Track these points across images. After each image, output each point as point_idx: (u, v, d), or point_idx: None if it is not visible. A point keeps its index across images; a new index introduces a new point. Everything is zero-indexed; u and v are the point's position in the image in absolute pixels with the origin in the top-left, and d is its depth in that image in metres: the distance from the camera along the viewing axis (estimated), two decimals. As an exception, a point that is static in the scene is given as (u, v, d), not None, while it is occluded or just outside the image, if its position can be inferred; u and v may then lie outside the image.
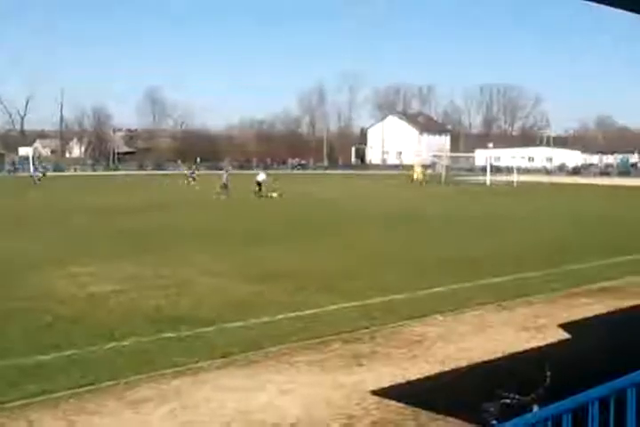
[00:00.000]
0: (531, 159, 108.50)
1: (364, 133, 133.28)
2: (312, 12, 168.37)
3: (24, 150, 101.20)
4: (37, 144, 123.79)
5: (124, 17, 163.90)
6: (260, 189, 42.89)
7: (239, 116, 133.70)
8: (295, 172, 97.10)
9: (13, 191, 48.56)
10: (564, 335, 10.74)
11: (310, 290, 13.92)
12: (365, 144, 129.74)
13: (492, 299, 13.25)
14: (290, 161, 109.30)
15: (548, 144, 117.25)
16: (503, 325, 11.46)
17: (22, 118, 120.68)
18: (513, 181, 64.38)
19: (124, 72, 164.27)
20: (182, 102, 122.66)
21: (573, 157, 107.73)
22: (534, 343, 10.30)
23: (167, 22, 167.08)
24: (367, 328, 11.00)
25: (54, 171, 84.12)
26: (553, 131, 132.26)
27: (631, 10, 6.08)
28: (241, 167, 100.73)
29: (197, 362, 9.20)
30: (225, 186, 43.69)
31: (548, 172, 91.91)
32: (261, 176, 44.83)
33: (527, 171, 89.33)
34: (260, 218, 30.03)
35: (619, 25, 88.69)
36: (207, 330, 10.79)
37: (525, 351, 9.88)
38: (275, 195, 39.12)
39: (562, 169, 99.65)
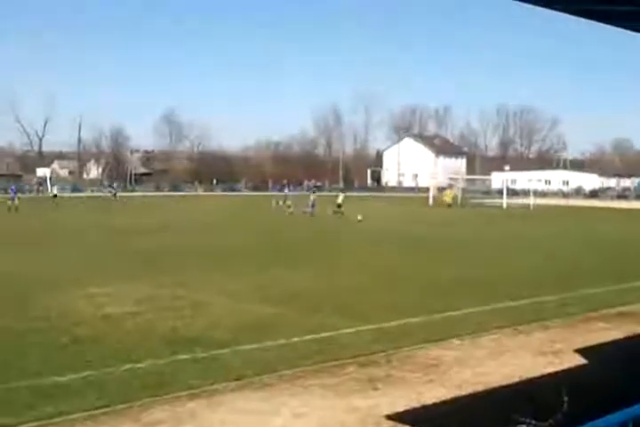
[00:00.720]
0: (547, 182, 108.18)
1: (379, 155, 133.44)
2: (328, 32, 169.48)
3: (42, 171, 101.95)
4: (55, 165, 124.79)
5: (142, 38, 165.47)
6: (340, 210, 45.63)
7: (255, 138, 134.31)
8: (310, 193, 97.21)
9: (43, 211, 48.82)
10: (582, 361, 10.66)
11: (326, 312, 13.90)
12: (381, 166, 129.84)
13: (508, 323, 13.18)
14: (306, 182, 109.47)
15: (564, 167, 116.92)
16: (520, 349, 11.39)
17: (40, 139, 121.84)
18: (529, 204, 64.16)
19: (142, 93, 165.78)
20: (199, 123, 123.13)
21: (590, 181, 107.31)
22: (551, 368, 10.22)
23: (184, 44, 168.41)
24: (383, 352, 10.96)
25: (72, 191, 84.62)
26: (570, 154, 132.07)
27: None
28: (256, 189, 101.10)
29: (212, 384, 9.19)
30: (312, 205, 47.74)
31: (564, 195, 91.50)
32: (341, 198, 47.80)
33: (544, 194, 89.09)
34: (283, 237, 30.00)
35: (634, 47, 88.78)
36: (222, 352, 10.79)
37: (542, 376, 9.81)
38: (359, 217, 40.52)
39: (579, 192, 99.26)
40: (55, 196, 55.12)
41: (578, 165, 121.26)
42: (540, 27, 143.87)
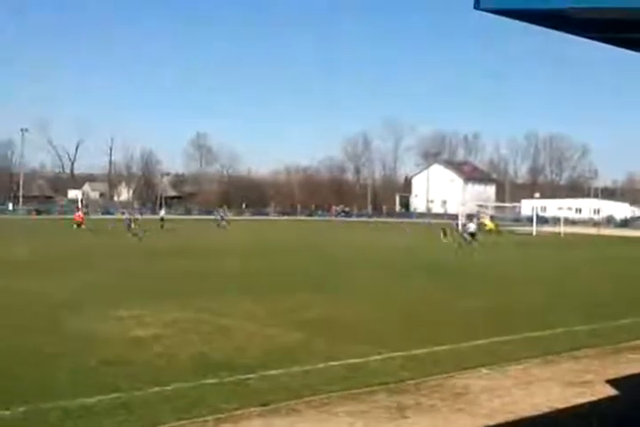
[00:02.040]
0: (578, 210, 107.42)
1: (408, 181, 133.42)
2: (356, 58, 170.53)
3: (73, 193, 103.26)
4: (86, 187, 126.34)
5: (172, 63, 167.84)
6: (473, 238, 44.70)
7: (284, 162, 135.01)
8: (339, 219, 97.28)
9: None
10: (613, 392, 10.50)
11: (353, 339, 13.84)
12: (409, 192, 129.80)
13: (537, 352, 13.04)
14: (334, 208, 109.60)
15: (595, 195, 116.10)
16: (549, 379, 11.24)
17: (72, 162, 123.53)
18: (560, 232, 63.68)
19: (173, 117, 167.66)
20: (228, 148, 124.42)
21: (622, 209, 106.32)
22: (581, 399, 10.08)
23: (215, 68, 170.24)
24: (412, 379, 10.88)
25: (102, 214, 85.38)
26: (600, 182, 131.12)
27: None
28: (285, 213, 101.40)
29: (239, 409, 9.16)
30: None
31: (595, 223, 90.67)
32: (472, 226, 46.28)
33: (574, 222, 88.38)
34: (324, 262, 30.01)
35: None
36: (249, 377, 10.77)
37: (572, 407, 9.68)
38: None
39: (610, 221, 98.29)
40: (162, 219, 55.98)
41: (609, 194, 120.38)
42: (569, 53, 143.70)
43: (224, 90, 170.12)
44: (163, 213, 59.37)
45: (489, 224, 63.26)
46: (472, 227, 45.75)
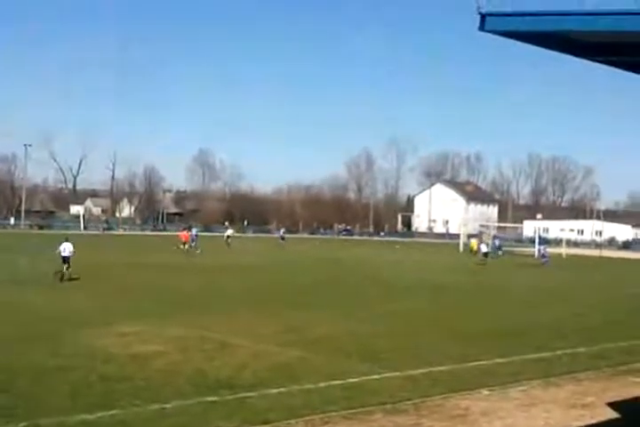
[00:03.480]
0: (580, 232, 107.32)
1: (410, 201, 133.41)
2: (361, 77, 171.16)
3: (75, 209, 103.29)
4: (89, 203, 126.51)
5: (177, 79, 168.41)
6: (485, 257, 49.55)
7: (287, 180, 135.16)
8: (341, 237, 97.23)
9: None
10: (614, 415, 10.47)
11: (353, 358, 13.83)
12: (412, 211, 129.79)
13: (538, 374, 13.00)
14: (336, 226, 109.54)
15: (597, 217, 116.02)
16: (550, 402, 11.20)
17: (75, 177, 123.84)
18: (562, 254, 63.55)
19: (176, 134, 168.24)
20: (231, 165, 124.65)
21: (624, 231, 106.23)
22: (582, 422, 10.05)
23: (219, 86, 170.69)
24: (409, 400, 10.84)
25: (104, 230, 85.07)
26: (603, 204, 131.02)
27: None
28: (287, 231, 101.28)
29: (238, 428, 9.14)
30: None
31: (597, 245, 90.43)
32: (484, 247, 51.07)
33: (576, 244, 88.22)
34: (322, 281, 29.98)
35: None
36: (249, 395, 10.74)
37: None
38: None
39: (612, 243, 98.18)
40: (228, 237, 57.84)
41: (611, 216, 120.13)
42: (572, 76, 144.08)
43: (227, 107, 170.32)
44: (230, 231, 61.34)
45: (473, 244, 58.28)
46: (484, 248, 50.87)
